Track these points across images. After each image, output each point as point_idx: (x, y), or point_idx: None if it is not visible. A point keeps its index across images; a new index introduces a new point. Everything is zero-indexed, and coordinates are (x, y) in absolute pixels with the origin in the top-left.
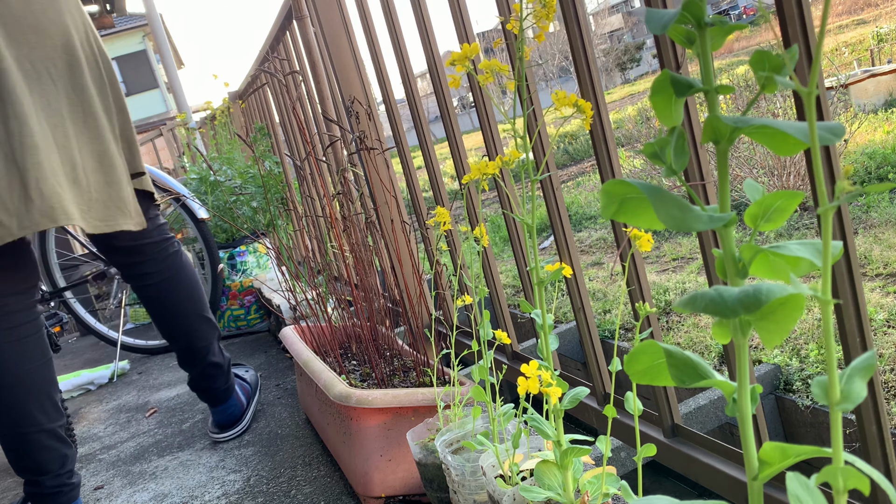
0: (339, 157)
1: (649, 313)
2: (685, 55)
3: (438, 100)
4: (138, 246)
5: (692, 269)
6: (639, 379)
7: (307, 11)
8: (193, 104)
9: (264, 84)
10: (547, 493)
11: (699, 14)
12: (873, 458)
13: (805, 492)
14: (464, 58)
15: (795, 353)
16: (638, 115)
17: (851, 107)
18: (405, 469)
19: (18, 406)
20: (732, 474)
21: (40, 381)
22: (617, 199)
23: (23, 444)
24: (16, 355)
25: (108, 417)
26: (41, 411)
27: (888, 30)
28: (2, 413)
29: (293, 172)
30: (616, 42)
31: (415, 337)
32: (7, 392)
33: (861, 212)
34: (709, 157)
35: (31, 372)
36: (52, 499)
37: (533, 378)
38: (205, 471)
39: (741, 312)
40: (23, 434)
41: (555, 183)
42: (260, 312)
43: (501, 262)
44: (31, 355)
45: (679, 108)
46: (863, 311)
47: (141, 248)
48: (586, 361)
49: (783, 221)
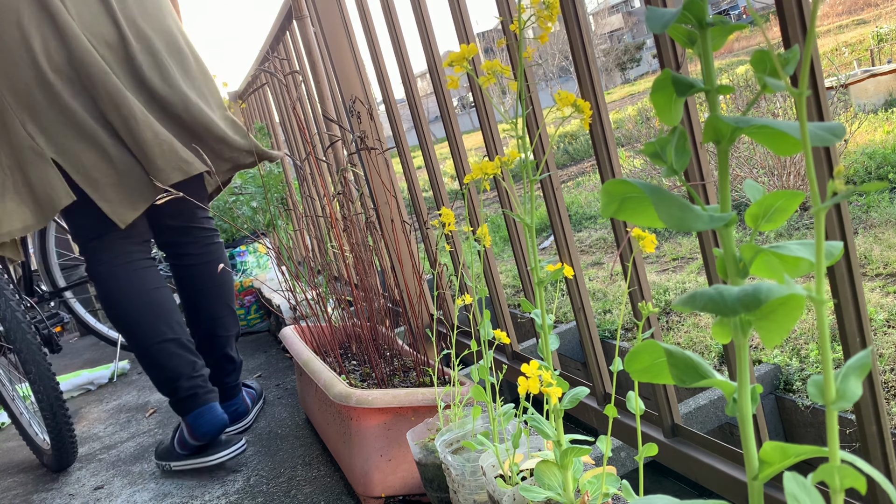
0: (340, 156)
1: (650, 313)
2: (685, 55)
3: (438, 100)
4: (187, 227)
5: (692, 268)
6: (639, 377)
7: (307, 11)
8: None
9: (264, 84)
10: (547, 493)
11: (700, 14)
12: (873, 457)
13: (802, 491)
14: (462, 58)
15: (796, 352)
16: (638, 115)
17: (851, 107)
18: (405, 469)
19: (146, 322)
20: (732, 474)
21: (160, 300)
22: (617, 198)
23: (155, 355)
24: (137, 282)
25: (108, 417)
26: (166, 325)
27: (888, 30)
28: (134, 330)
29: (293, 172)
30: (616, 42)
31: (415, 337)
32: (135, 311)
33: (861, 212)
34: (709, 157)
35: (150, 293)
36: (190, 401)
37: (533, 378)
38: (205, 471)
39: (741, 311)
40: (153, 346)
41: (555, 183)
42: (260, 312)
43: (501, 262)
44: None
45: (679, 108)
46: (863, 311)
47: (189, 230)
48: (586, 361)
49: (783, 221)
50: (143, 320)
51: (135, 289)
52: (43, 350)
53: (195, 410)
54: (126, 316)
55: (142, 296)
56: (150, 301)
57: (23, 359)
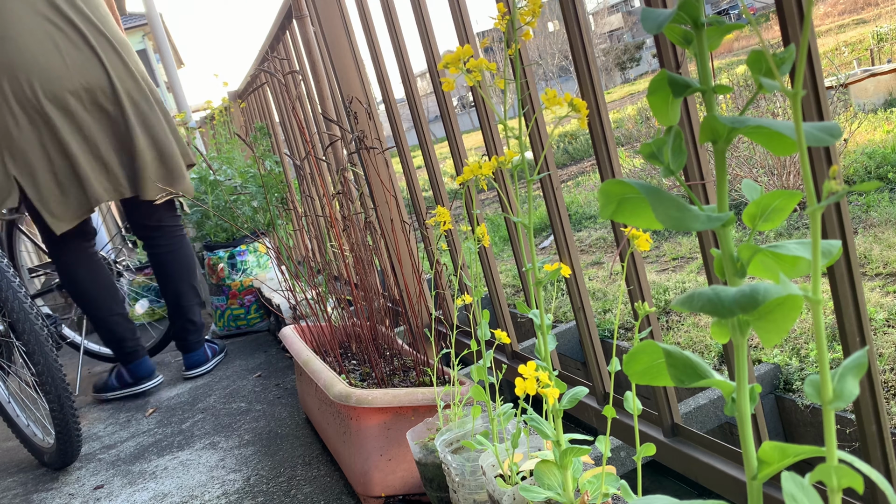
0: (339, 156)
1: (649, 313)
2: (685, 55)
3: (438, 99)
4: (160, 226)
5: (692, 268)
6: (638, 379)
7: (307, 11)
8: (193, 104)
9: (264, 83)
10: (546, 493)
11: (695, 14)
12: (873, 457)
13: (800, 491)
14: (457, 60)
15: (795, 352)
16: (638, 114)
17: (851, 106)
18: (405, 468)
19: (104, 300)
20: (732, 474)
21: (111, 284)
22: (615, 198)
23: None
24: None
25: (107, 417)
26: (115, 302)
27: (888, 29)
28: (97, 307)
29: (293, 172)
30: (616, 41)
31: (415, 336)
32: (97, 292)
33: (861, 211)
34: (708, 157)
35: (101, 276)
36: (132, 354)
37: (531, 378)
38: (204, 470)
39: (738, 312)
40: (109, 318)
41: (554, 182)
42: (260, 312)
43: (501, 261)
44: (95, 265)
45: (676, 108)
46: (863, 311)
47: (161, 227)
48: (586, 361)
49: (781, 221)
50: (103, 298)
51: (91, 276)
52: (50, 342)
53: (135, 361)
54: (87, 296)
55: (97, 281)
56: (106, 284)
57: (30, 350)
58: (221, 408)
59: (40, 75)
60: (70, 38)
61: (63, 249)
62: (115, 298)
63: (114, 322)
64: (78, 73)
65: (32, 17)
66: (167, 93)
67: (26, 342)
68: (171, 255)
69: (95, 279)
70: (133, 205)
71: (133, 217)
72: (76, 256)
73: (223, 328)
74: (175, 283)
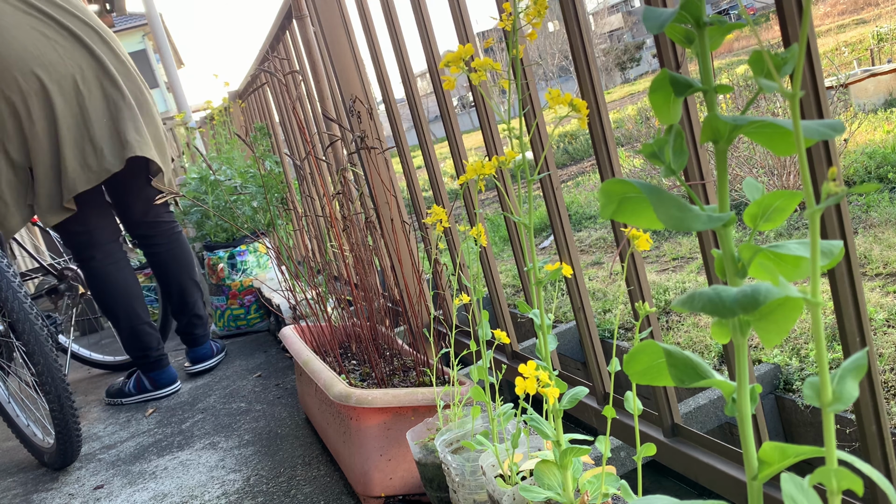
0: (339, 156)
1: (649, 313)
2: (685, 54)
3: (438, 99)
4: (155, 223)
5: (692, 268)
6: (638, 379)
7: (307, 11)
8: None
9: (264, 83)
10: (546, 493)
11: (697, 13)
12: (873, 457)
13: (800, 492)
14: (458, 59)
15: (795, 352)
16: (638, 114)
17: (851, 106)
18: (405, 469)
19: (132, 308)
20: (732, 474)
21: (138, 291)
22: (616, 198)
23: (138, 333)
24: (120, 276)
25: (107, 417)
26: (143, 310)
27: (888, 29)
28: (122, 314)
29: (293, 172)
30: (616, 41)
31: (414, 336)
32: (123, 300)
33: (861, 211)
34: (709, 157)
35: (133, 285)
36: (157, 363)
37: (531, 378)
38: (204, 470)
39: (739, 313)
40: (136, 327)
41: (554, 182)
42: (260, 312)
43: (501, 261)
44: (129, 274)
45: (677, 107)
46: (863, 311)
47: (157, 225)
48: (586, 361)
49: (782, 221)
50: (131, 306)
51: (121, 283)
52: (50, 342)
53: (158, 370)
54: (118, 305)
55: (128, 290)
56: (133, 292)
57: (30, 350)
58: (221, 408)
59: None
60: (54, 28)
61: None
62: (143, 306)
63: (142, 331)
64: (70, 57)
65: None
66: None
67: (26, 342)
68: (171, 254)
69: (127, 289)
70: (126, 204)
71: (128, 217)
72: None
73: (223, 328)
74: (178, 281)
